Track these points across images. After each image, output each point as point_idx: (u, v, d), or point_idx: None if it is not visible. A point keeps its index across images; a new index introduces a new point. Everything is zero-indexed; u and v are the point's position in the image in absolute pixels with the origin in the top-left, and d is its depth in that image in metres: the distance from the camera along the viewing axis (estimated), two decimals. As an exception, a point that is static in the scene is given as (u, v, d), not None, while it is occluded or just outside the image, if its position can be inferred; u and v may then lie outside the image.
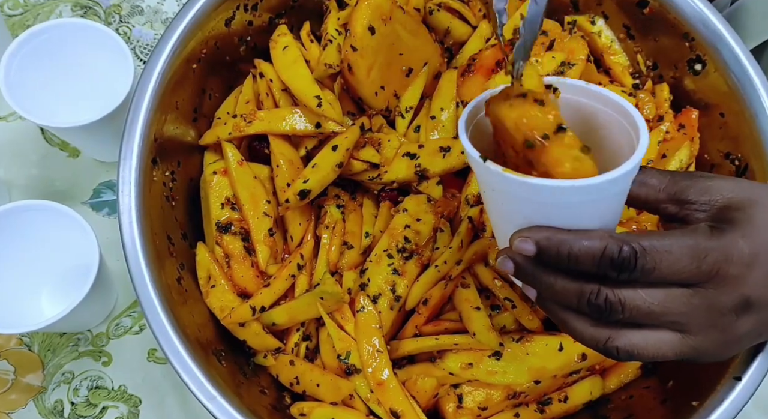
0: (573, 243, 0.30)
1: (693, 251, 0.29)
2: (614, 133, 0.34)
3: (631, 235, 0.30)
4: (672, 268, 0.29)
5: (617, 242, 0.29)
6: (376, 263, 0.49)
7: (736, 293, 0.30)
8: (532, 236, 0.31)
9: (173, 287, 0.45)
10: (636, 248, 0.29)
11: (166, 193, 0.49)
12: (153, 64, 0.48)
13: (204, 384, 0.41)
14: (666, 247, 0.29)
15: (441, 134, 0.52)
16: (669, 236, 0.30)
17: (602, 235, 0.30)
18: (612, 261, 0.29)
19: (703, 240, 0.30)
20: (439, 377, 0.47)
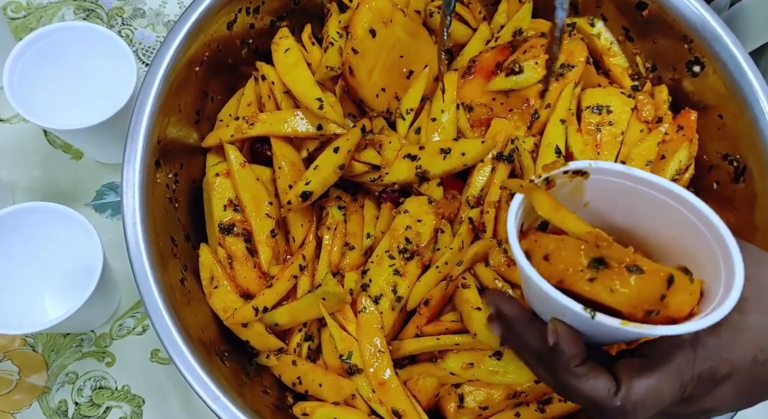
0: (576, 380, 0.31)
1: (677, 386, 0.30)
2: (685, 236, 0.32)
3: (626, 373, 0.30)
4: (656, 408, 0.30)
5: (611, 399, 0.30)
6: (378, 264, 0.49)
7: (699, 408, 0.32)
8: (559, 337, 0.31)
9: (176, 288, 0.46)
10: (628, 409, 0.30)
11: (169, 195, 0.49)
12: (156, 68, 0.48)
13: (208, 384, 0.41)
14: (655, 391, 0.30)
15: (441, 135, 0.52)
16: (657, 375, 0.30)
17: (604, 385, 0.30)
18: (600, 413, 0.31)
19: (687, 368, 0.30)
20: (440, 377, 0.47)
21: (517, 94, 0.54)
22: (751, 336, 0.30)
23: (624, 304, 0.29)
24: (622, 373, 0.31)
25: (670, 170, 0.52)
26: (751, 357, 0.31)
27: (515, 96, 0.54)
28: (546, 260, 0.30)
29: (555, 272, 0.29)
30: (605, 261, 0.29)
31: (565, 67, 0.54)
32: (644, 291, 0.28)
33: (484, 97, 0.55)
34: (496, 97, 0.54)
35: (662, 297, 0.29)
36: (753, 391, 0.32)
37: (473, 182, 0.50)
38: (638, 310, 0.29)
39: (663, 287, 0.29)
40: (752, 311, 0.31)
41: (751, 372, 0.31)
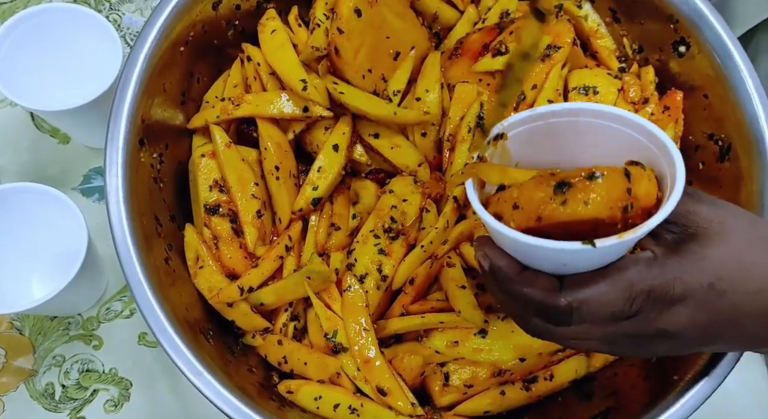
0: (517, 286, 0.32)
1: (626, 294, 0.31)
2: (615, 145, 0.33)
3: (574, 279, 0.31)
4: (604, 314, 0.31)
5: (556, 298, 0.31)
6: (363, 244, 0.49)
7: (654, 327, 0.32)
8: (489, 257, 0.33)
9: (161, 267, 0.46)
10: (573, 304, 0.31)
11: (154, 175, 0.49)
12: (139, 47, 0.48)
13: (191, 361, 0.41)
14: (602, 294, 0.31)
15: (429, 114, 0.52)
16: (607, 280, 0.31)
17: (545, 285, 0.31)
18: (549, 313, 0.31)
19: (638, 280, 0.31)
20: (425, 355, 0.47)
21: (503, 75, 0.54)
22: (709, 264, 0.31)
23: (602, 209, 0.29)
24: (569, 279, 0.32)
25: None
26: (707, 284, 0.31)
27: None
28: (516, 208, 0.31)
29: (529, 213, 0.30)
30: (566, 182, 0.30)
31: (551, 49, 0.54)
32: (612, 190, 0.29)
33: (470, 79, 0.54)
34: (483, 78, 0.54)
35: (628, 191, 0.30)
36: (711, 321, 0.32)
37: (455, 160, 0.50)
38: (615, 210, 0.30)
39: (624, 181, 0.30)
40: (712, 244, 0.31)
41: (706, 299, 0.31)
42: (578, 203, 0.29)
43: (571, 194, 0.30)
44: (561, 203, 0.30)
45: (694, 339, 0.33)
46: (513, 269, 0.33)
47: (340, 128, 0.52)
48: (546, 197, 0.30)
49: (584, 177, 0.30)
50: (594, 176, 0.30)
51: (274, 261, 0.50)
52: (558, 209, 0.30)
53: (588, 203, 0.29)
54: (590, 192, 0.29)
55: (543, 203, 0.30)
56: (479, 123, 0.52)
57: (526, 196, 0.31)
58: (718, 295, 0.31)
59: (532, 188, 0.31)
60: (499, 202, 0.32)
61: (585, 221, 0.30)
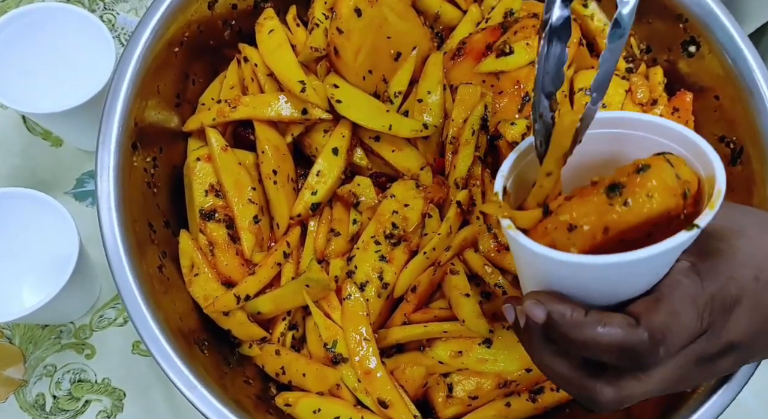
0: (592, 331, 0.28)
1: (695, 310, 0.28)
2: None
3: (641, 307, 0.28)
4: (684, 339, 0.28)
5: (636, 332, 0.27)
6: (363, 250, 0.48)
7: (722, 341, 0.30)
8: (546, 303, 0.29)
9: (154, 275, 0.44)
10: (657, 336, 0.27)
11: (148, 179, 0.48)
12: (132, 48, 0.47)
13: (185, 374, 0.39)
14: (677, 315, 0.28)
15: (429, 117, 0.51)
16: (669, 301, 0.28)
17: (621, 322, 0.28)
18: (633, 354, 0.27)
19: (697, 292, 0.28)
20: (428, 366, 0.46)
21: (507, 75, 0.52)
22: (745, 257, 0.30)
23: (668, 197, 0.27)
24: (636, 309, 0.28)
25: (665, 153, 0.50)
26: (753, 276, 0.29)
27: (506, 78, 0.52)
28: (573, 230, 0.28)
29: (593, 228, 0.27)
30: (617, 183, 0.27)
31: (557, 49, 0.52)
32: (666, 176, 0.27)
33: (474, 80, 0.53)
34: (486, 80, 0.53)
35: (677, 176, 0.28)
36: (762, 314, 0.30)
37: (458, 163, 0.48)
38: (678, 197, 0.27)
39: (670, 167, 0.28)
40: (735, 239, 0.30)
41: (756, 293, 0.29)
42: (642, 198, 0.26)
43: (629, 192, 0.27)
44: (623, 205, 0.27)
45: (753, 344, 0.31)
46: (579, 310, 0.28)
47: (340, 130, 0.50)
48: (604, 204, 0.27)
49: (632, 172, 0.27)
50: (642, 168, 0.27)
51: (271, 268, 0.48)
52: (624, 212, 0.26)
53: (652, 195, 0.26)
54: (648, 183, 0.27)
55: (604, 212, 0.27)
56: (483, 125, 0.50)
57: (581, 212, 0.28)
58: (764, 287, 0.29)
59: (583, 202, 0.28)
60: (547, 232, 0.29)
61: (648, 221, 0.27)
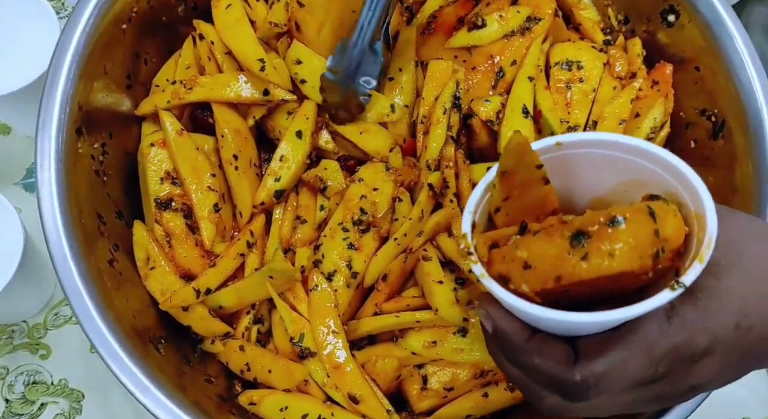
0: (525, 357, 0.28)
1: (648, 358, 0.27)
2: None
3: (586, 346, 0.27)
4: (626, 384, 0.28)
5: (569, 372, 0.27)
6: (331, 238, 0.45)
7: (685, 386, 0.29)
8: (493, 319, 0.29)
9: (105, 270, 0.41)
10: (590, 380, 0.27)
11: (96, 167, 0.45)
12: (74, 24, 0.43)
13: (137, 375, 0.37)
14: (621, 363, 0.27)
15: (401, 96, 0.48)
16: (623, 346, 0.27)
17: (558, 356, 0.28)
18: (563, 389, 0.28)
19: (659, 340, 0.27)
20: (401, 357, 0.44)
21: (480, 50, 0.50)
22: (730, 301, 0.27)
23: (631, 260, 0.25)
24: (582, 346, 0.28)
25: (645, 129, 0.48)
26: (734, 325, 0.27)
27: (478, 53, 0.50)
28: (528, 268, 0.27)
29: (545, 273, 0.26)
30: (584, 231, 0.26)
31: (531, 21, 0.50)
32: (639, 235, 0.25)
33: (445, 55, 0.50)
34: (458, 55, 0.50)
35: (656, 232, 0.26)
36: (741, 362, 0.29)
37: (430, 144, 0.46)
38: (646, 258, 0.25)
39: (650, 222, 0.26)
40: (727, 275, 0.28)
41: (735, 342, 0.28)
42: (602, 256, 0.25)
43: (592, 245, 0.25)
44: (582, 258, 0.25)
45: (723, 381, 0.30)
46: (521, 336, 0.28)
47: (303, 112, 0.48)
48: (562, 252, 0.26)
49: (604, 223, 0.26)
50: (615, 221, 0.25)
51: (234, 259, 0.46)
52: (579, 265, 0.25)
53: (614, 255, 0.25)
54: (615, 241, 0.25)
55: (560, 260, 0.26)
56: (455, 103, 0.48)
57: (538, 253, 0.26)
58: (745, 333, 0.28)
59: (544, 242, 0.26)
60: (505, 261, 0.28)
61: (606, 279, 0.26)
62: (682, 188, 0.28)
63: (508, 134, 0.47)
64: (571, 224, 0.26)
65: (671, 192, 0.28)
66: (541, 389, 0.29)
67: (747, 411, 0.53)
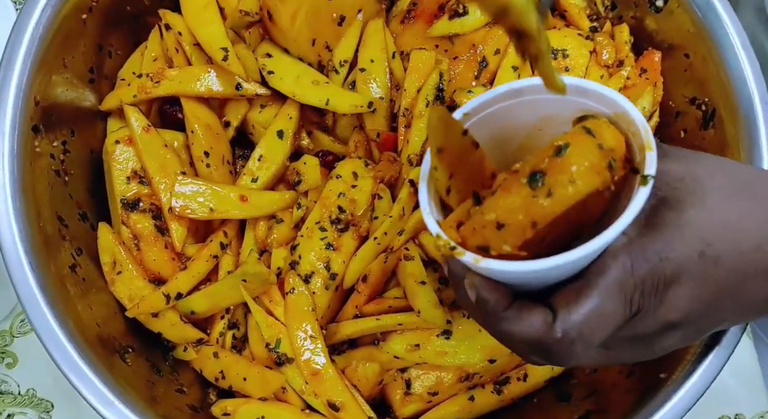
0: (506, 326, 0.28)
1: (621, 298, 0.27)
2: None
3: (561, 301, 0.27)
4: (606, 330, 0.28)
5: (550, 332, 0.27)
6: (308, 238, 0.43)
7: (659, 321, 0.29)
8: (477, 288, 0.29)
9: (67, 276, 0.39)
10: (571, 334, 0.27)
11: (56, 167, 0.42)
12: (28, 14, 0.41)
13: (99, 389, 0.35)
14: (598, 309, 0.27)
15: (376, 86, 0.46)
16: (595, 291, 0.27)
17: (538, 321, 0.28)
18: (546, 352, 0.28)
19: (625, 277, 0.27)
20: (383, 361, 0.42)
21: (462, 39, 0.48)
22: (692, 231, 0.28)
23: (591, 178, 0.26)
24: (558, 302, 0.28)
25: (634, 119, 0.46)
26: (698, 253, 0.27)
27: (460, 42, 0.48)
28: (501, 228, 0.27)
29: (521, 224, 0.26)
30: (537, 170, 0.26)
31: (515, 8, 0.48)
32: (587, 154, 0.26)
33: (426, 45, 0.48)
34: (440, 44, 0.48)
35: (600, 146, 0.27)
36: (713, 294, 0.28)
37: (412, 138, 0.44)
38: (603, 172, 0.26)
39: (590, 138, 0.27)
40: (689, 208, 0.28)
41: (702, 271, 0.28)
42: (564, 185, 0.26)
43: (550, 180, 0.26)
44: (547, 196, 0.26)
45: (700, 321, 0.29)
46: (501, 304, 0.28)
47: (287, 111, 0.46)
48: (527, 198, 0.26)
49: (552, 155, 0.26)
50: (560, 150, 0.26)
51: (206, 262, 0.44)
52: (547, 203, 0.26)
53: (574, 181, 0.26)
54: (569, 166, 0.26)
55: (528, 206, 0.26)
56: (438, 95, 0.46)
57: (505, 209, 0.27)
58: (713, 263, 0.27)
59: (506, 196, 0.26)
60: (476, 232, 0.27)
61: (577, 204, 0.26)
62: (593, 102, 0.29)
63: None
64: (522, 169, 0.27)
65: (585, 110, 0.29)
66: (524, 350, 0.29)
67: (741, 408, 0.52)
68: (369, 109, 0.45)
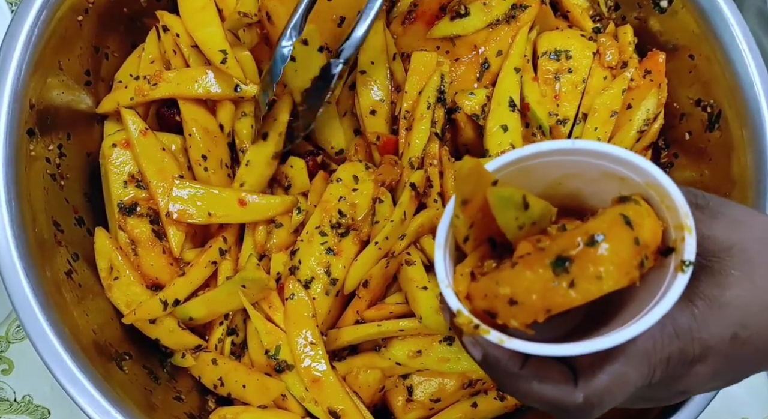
0: (524, 384, 0.27)
1: (645, 370, 0.27)
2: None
3: (585, 364, 0.27)
4: (624, 396, 0.27)
5: (571, 395, 0.27)
6: (308, 243, 0.43)
7: (676, 390, 0.29)
8: (483, 346, 0.28)
9: (62, 282, 0.39)
10: (593, 400, 0.26)
11: (52, 170, 0.42)
12: (22, 16, 0.40)
13: (95, 398, 0.34)
14: (621, 376, 0.27)
15: (376, 87, 0.45)
16: (621, 359, 0.27)
17: (557, 378, 0.27)
18: (564, 413, 0.27)
19: (654, 349, 0.27)
20: (384, 368, 0.42)
21: (463, 40, 0.47)
22: (731, 312, 0.27)
23: (619, 277, 0.25)
24: (581, 363, 0.27)
25: (637, 121, 0.46)
26: (729, 336, 0.27)
27: (462, 43, 0.48)
28: (514, 304, 0.26)
29: (534, 307, 0.25)
30: (565, 256, 0.25)
31: (517, 9, 0.48)
32: (621, 251, 0.25)
33: (427, 46, 0.48)
34: (441, 46, 0.48)
35: (636, 241, 0.25)
36: (734, 371, 0.29)
37: (413, 140, 0.43)
38: (632, 271, 0.25)
39: (628, 232, 0.25)
40: (735, 286, 0.27)
41: (729, 352, 0.27)
42: (589, 280, 0.24)
43: (576, 270, 0.25)
44: (569, 286, 0.24)
45: (714, 387, 0.30)
46: (515, 361, 0.27)
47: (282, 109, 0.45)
48: (547, 282, 0.25)
49: (584, 244, 0.25)
50: (594, 241, 0.25)
51: (205, 267, 0.43)
52: (568, 294, 0.24)
53: (601, 278, 0.24)
54: (599, 264, 0.24)
55: (547, 291, 0.25)
56: (440, 98, 0.45)
57: (522, 287, 0.25)
58: (741, 344, 0.27)
59: (526, 274, 0.25)
60: (487, 298, 0.26)
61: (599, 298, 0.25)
62: (625, 169, 0.28)
63: (494, 129, 0.45)
64: (549, 250, 0.25)
65: (641, 191, 0.28)
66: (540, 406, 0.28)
67: (746, 412, 0.52)
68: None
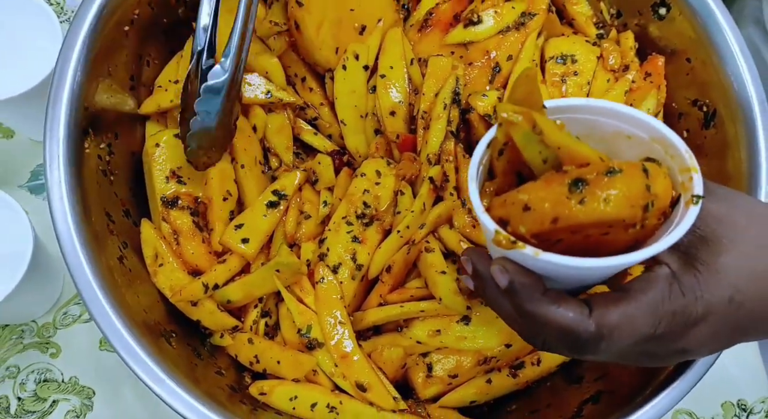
0: (544, 308, 0.30)
1: (653, 318, 0.30)
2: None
3: (600, 301, 0.29)
4: (630, 339, 0.30)
5: (585, 322, 0.29)
6: (335, 232, 0.46)
7: (676, 348, 0.31)
8: (510, 273, 0.30)
9: (115, 267, 0.42)
10: (603, 331, 0.29)
11: (103, 167, 0.45)
12: (77, 28, 0.44)
13: (152, 368, 0.38)
14: (631, 318, 0.29)
15: (395, 90, 0.49)
16: (633, 303, 0.29)
17: (574, 308, 0.29)
18: (574, 340, 0.29)
19: (662, 303, 0.30)
20: (406, 346, 0.45)
21: (476, 46, 0.51)
22: (726, 276, 0.30)
23: (623, 207, 0.27)
24: (596, 300, 0.30)
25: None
26: (728, 298, 0.30)
27: (475, 48, 0.51)
28: (527, 210, 0.28)
29: (543, 215, 0.28)
30: (582, 179, 0.28)
31: (526, 16, 0.51)
32: (632, 187, 0.27)
33: (443, 52, 0.51)
34: (455, 51, 0.51)
35: (648, 188, 0.28)
36: (731, 333, 0.31)
37: (430, 138, 0.47)
38: (637, 208, 0.27)
39: (643, 177, 0.28)
40: (726, 253, 0.30)
41: (727, 315, 0.30)
42: (598, 200, 0.27)
43: (588, 191, 0.27)
44: (579, 202, 0.27)
45: (710, 350, 0.32)
46: (539, 287, 0.30)
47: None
48: (561, 196, 0.28)
49: (601, 173, 0.27)
50: (612, 171, 0.27)
51: (242, 258, 0.46)
52: (576, 208, 0.27)
53: (608, 201, 0.27)
54: (609, 188, 0.27)
55: (558, 203, 0.27)
56: (455, 99, 0.49)
57: (538, 196, 0.28)
58: (737, 307, 0.30)
59: (544, 187, 0.28)
60: (505, 205, 0.29)
61: (599, 224, 0.28)
62: (629, 126, 0.30)
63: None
64: (570, 172, 0.28)
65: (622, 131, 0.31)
66: (544, 334, 0.31)
67: (743, 393, 0.54)
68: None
